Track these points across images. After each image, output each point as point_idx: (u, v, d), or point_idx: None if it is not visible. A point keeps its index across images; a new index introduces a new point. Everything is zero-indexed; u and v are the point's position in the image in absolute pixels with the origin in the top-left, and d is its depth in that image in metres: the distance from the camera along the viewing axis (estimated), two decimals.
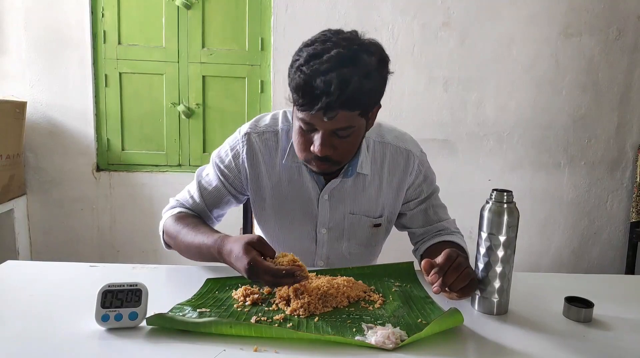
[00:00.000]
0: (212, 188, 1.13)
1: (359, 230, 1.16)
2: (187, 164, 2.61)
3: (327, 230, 1.14)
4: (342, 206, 1.12)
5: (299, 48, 0.91)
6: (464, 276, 0.83)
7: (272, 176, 1.11)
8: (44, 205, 2.55)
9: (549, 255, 2.72)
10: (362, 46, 0.89)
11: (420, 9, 2.46)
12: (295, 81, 0.87)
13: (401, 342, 0.72)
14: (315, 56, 0.86)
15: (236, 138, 1.12)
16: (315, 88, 0.84)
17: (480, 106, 2.57)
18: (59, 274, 1.01)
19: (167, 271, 1.06)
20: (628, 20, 2.52)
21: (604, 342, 0.78)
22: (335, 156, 0.95)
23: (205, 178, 1.14)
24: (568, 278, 1.13)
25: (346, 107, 0.87)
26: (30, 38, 2.42)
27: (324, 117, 0.87)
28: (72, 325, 0.76)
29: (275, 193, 1.12)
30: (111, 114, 2.54)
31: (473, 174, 2.61)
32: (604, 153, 2.64)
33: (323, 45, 0.87)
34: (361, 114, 0.91)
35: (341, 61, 0.85)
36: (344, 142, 0.94)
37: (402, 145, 1.13)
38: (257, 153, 1.10)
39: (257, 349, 0.70)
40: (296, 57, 0.90)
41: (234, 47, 2.54)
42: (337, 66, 0.84)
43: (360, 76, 0.85)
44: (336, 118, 0.88)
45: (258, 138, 1.09)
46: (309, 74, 0.85)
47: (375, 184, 1.12)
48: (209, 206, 1.14)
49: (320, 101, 0.84)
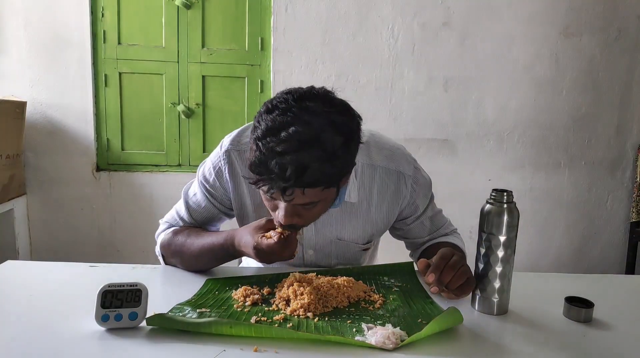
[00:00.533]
0: (201, 208, 1.10)
1: (347, 252, 1.13)
2: (187, 164, 2.61)
3: (314, 251, 1.11)
4: (329, 231, 1.08)
5: (260, 112, 0.82)
6: (461, 274, 0.83)
7: (254, 196, 1.06)
8: (44, 205, 2.55)
9: (549, 255, 2.72)
10: (327, 122, 0.78)
11: (420, 9, 2.46)
12: (251, 153, 0.80)
13: (401, 342, 0.72)
14: (272, 131, 0.77)
15: (218, 154, 1.07)
16: (269, 170, 0.77)
17: (480, 106, 2.57)
18: (59, 274, 1.01)
19: (167, 271, 1.06)
20: (628, 20, 2.52)
21: (604, 342, 0.78)
22: (302, 223, 0.89)
23: (192, 198, 1.10)
24: (568, 278, 1.13)
25: (306, 189, 0.80)
26: (30, 38, 2.42)
27: (283, 198, 0.82)
28: (72, 325, 0.76)
29: (257, 213, 1.07)
30: (111, 114, 2.54)
31: (473, 174, 2.61)
32: (604, 153, 2.64)
33: (283, 117, 0.78)
34: (327, 188, 0.83)
35: (299, 142, 0.76)
36: (310, 212, 0.87)
37: (393, 167, 1.06)
38: (238, 172, 1.04)
39: (257, 349, 0.70)
40: (255, 123, 0.82)
41: (233, 47, 2.54)
42: (294, 148, 0.76)
43: (320, 160, 0.77)
44: (297, 197, 0.81)
45: (238, 157, 1.03)
46: (263, 154, 0.77)
47: (363, 210, 1.06)
48: (201, 224, 1.12)
49: (275, 184, 0.79)
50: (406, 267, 1.09)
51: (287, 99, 0.80)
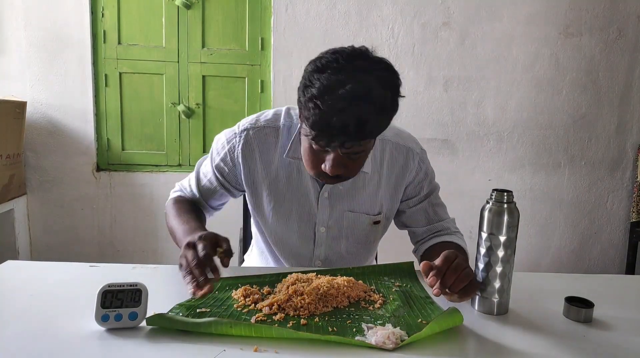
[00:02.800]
0: (206, 180, 1.15)
1: (357, 227, 1.15)
2: (187, 164, 2.61)
3: (326, 228, 1.13)
4: (341, 204, 1.12)
5: (309, 71, 0.87)
6: (463, 277, 0.83)
7: (269, 173, 1.09)
8: (44, 205, 2.55)
9: (549, 255, 2.72)
10: (377, 78, 0.85)
11: (420, 8, 2.46)
12: (309, 113, 0.85)
13: (401, 342, 0.72)
14: (329, 89, 0.83)
15: (234, 131, 1.11)
16: (332, 127, 0.83)
17: (480, 106, 2.57)
18: (59, 274, 1.01)
19: (167, 271, 1.06)
20: (628, 20, 2.52)
21: (604, 342, 0.78)
22: (346, 174, 0.95)
23: (202, 169, 1.17)
24: (568, 278, 1.13)
25: (363, 140, 0.88)
26: (30, 38, 2.42)
27: (339, 150, 0.88)
28: (72, 325, 0.76)
29: (272, 191, 1.10)
30: (111, 114, 2.55)
31: (473, 174, 2.61)
32: (604, 153, 2.64)
33: (336, 75, 0.83)
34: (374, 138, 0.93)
35: (357, 97, 0.82)
36: (355, 162, 0.94)
37: (402, 142, 1.12)
38: (254, 149, 1.08)
39: (257, 349, 0.70)
40: (307, 82, 0.86)
41: (234, 47, 2.54)
42: (353, 104, 0.82)
43: (376, 113, 0.85)
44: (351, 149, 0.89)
45: (257, 133, 1.08)
46: (324, 111, 0.83)
47: (374, 182, 1.11)
48: (204, 197, 1.17)
49: (337, 139, 0.85)
50: (406, 267, 1.09)
51: (337, 58, 0.85)
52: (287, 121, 1.10)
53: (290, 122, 1.10)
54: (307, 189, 1.10)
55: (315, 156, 0.93)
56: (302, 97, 0.87)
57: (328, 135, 0.85)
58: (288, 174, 1.09)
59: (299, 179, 1.10)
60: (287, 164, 1.09)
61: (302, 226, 1.13)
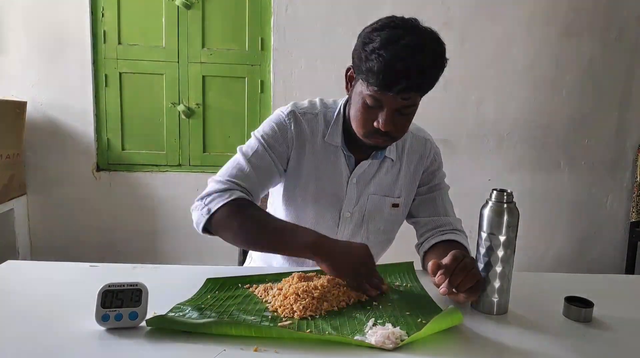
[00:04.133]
0: (264, 164, 1.09)
1: (379, 211, 1.19)
2: (187, 164, 2.61)
3: (350, 213, 1.17)
4: (367, 188, 1.17)
5: (366, 32, 0.97)
6: (471, 276, 0.83)
7: (312, 153, 1.14)
8: (44, 205, 2.55)
9: (549, 255, 2.72)
10: (431, 35, 0.97)
11: (420, 9, 2.46)
12: (373, 62, 0.92)
13: (401, 341, 0.72)
14: (391, 41, 0.92)
15: (280, 116, 1.14)
16: (396, 71, 0.91)
17: (480, 106, 2.57)
18: (59, 274, 1.01)
19: (167, 271, 1.07)
20: (628, 20, 2.53)
21: (604, 342, 0.78)
22: (394, 132, 1.01)
23: (253, 155, 1.10)
24: (568, 278, 1.13)
25: (419, 90, 0.96)
26: (31, 38, 2.42)
27: (397, 97, 0.94)
28: (72, 325, 0.76)
29: (311, 170, 1.14)
30: (111, 114, 2.55)
31: (473, 174, 2.61)
32: (604, 153, 2.64)
33: (395, 30, 0.94)
34: (424, 94, 1.00)
35: (417, 48, 0.91)
36: (404, 119, 1.02)
37: (421, 134, 1.23)
38: (304, 129, 1.13)
39: (257, 349, 0.70)
40: (366, 40, 0.95)
41: (234, 47, 2.54)
42: (414, 53, 0.91)
43: (433, 62, 0.94)
44: (408, 99, 0.96)
45: (303, 116, 1.14)
46: (388, 59, 0.90)
47: (396, 168, 1.18)
48: (262, 183, 1.10)
49: (400, 83, 0.91)
50: (406, 267, 1.09)
51: (393, 19, 0.98)
52: (323, 108, 1.16)
53: (325, 110, 1.16)
54: (340, 173, 1.15)
55: (368, 113, 1.00)
56: (363, 53, 0.94)
57: (391, 80, 0.91)
58: (326, 156, 1.15)
59: (334, 163, 1.15)
60: (324, 148, 1.14)
61: (330, 208, 1.17)
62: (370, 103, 0.98)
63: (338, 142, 1.13)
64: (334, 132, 1.13)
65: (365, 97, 0.98)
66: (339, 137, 1.13)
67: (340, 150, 1.14)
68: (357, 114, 1.02)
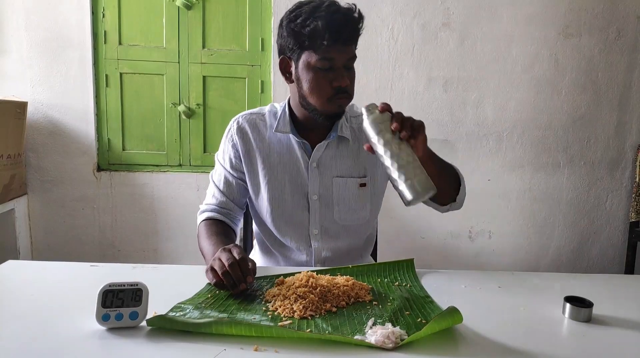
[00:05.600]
0: (222, 181, 1.24)
1: (346, 192, 1.22)
2: (188, 164, 2.61)
3: (318, 196, 1.21)
4: (329, 171, 1.21)
5: (287, 17, 1.07)
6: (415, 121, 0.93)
7: (262, 150, 1.21)
8: (45, 205, 2.55)
9: (549, 254, 2.72)
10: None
11: (420, 9, 2.46)
12: (313, 26, 1.02)
13: (401, 341, 0.73)
14: (317, 8, 1.04)
15: (227, 128, 1.26)
16: (336, 22, 1.02)
17: (480, 106, 2.57)
18: (59, 274, 1.02)
19: (167, 270, 1.07)
20: (628, 20, 2.53)
21: (604, 342, 0.78)
22: (350, 88, 1.10)
23: (216, 176, 1.26)
24: (568, 278, 1.13)
25: (357, 36, 1.08)
26: (31, 38, 2.42)
27: (343, 47, 1.05)
28: (73, 325, 0.76)
29: (265, 165, 1.20)
30: (112, 114, 2.55)
31: (473, 174, 2.61)
32: (604, 153, 2.64)
33: (312, 3, 1.05)
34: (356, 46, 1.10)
35: (337, 4, 1.06)
36: (352, 73, 1.11)
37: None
38: (247, 131, 1.22)
39: (257, 349, 0.70)
40: (292, 18, 1.05)
41: (234, 48, 2.54)
42: (339, 8, 1.04)
43: (357, 14, 1.06)
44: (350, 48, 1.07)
45: (246, 119, 1.24)
46: (325, 16, 1.02)
47: (355, 149, 1.22)
48: (230, 196, 1.24)
49: (346, 31, 1.03)
50: (406, 265, 1.09)
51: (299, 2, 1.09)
52: (271, 108, 1.25)
53: (274, 109, 1.24)
54: (297, 160, 1.20)
55: (324, 78, 1.07)
56: (296, 27, 1.04)
57: (337, 32, 1.02)
58: (279, 149, 1.21)
59: (289, 152, 1.21)
60: (277, 140, 1.21)
61: (296, 196, 1.21)
62: (321, 66, 1.06)
63: (288, 129, 1.18)
64: (282, 123, 1.19)
65: (315, 63, 1.06)
66: (287, 126, 1.18)
67: (292, 138, 1.19)
68: (313, 84, 1.08)
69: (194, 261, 2.54)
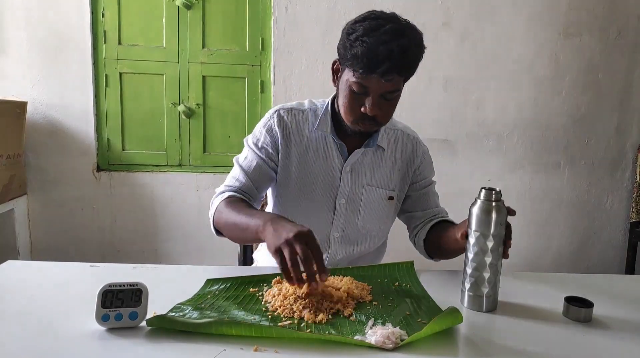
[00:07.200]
0: (253, 166, 1.18)
1: (374, 202, 1.22)
2: (188, 164, 2.61)
3: (345, 200, 1.20)
4: (362, 178, 1.21)
5: (350, 25, 1.04)
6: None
7: (300, 146, 1.19)
8: (45, 205, 2.55)
9: (549, 255, 2.72)
10: (409, 24, 1.04)
11: (420, 9, 2.46)
12: (357, 49, 0.99)
13: (401, 341, 0.72)
14: (373, 29, 0.99)
15: (267, 117, 1.21)
16: (379, 54, 0.97)
17: (480, 106, 2.57)
18: (59, 274, 1.02)
19: (167, 271, 1.07)
20: (628, 20, 2.52)
21: (604, 342, 0.78)
22: (380, 117, 1.06)
23: (244, 161, 1.20)
24: (568, 278, 1.14)
25: (401, 73, 1.01)
26: (31, 38, 2.42)
27: (381, 79, 1.00)
28: (73, 325, 0.76)
29: (301, 161, 1.19)
30: (112, 114, 2.55)
31: (473, 174, 2.61)
32: (604, 153, 2.64)
33: (376, 21, 1.00)
34: (405, 80, 1.06)
35: (397, 33, 0.99)
36: (389, 104, 1.07)
37: (411, 133, 1.29)
38: (288, 124, 1.19)
39: (257, 349, 0.70)
40: (349, 30, 1.02)
41: (234, 48, 2.54)
42: (394, 37, 0.98)
43: (414, 46, 1.01)
44: (391, 81, 1.01)
45: (287, 113, 1.20)
46: (371, 43, 0.97)
47: (390, 162, 1.23)
48: (255, 183, 1.18)
49: (383, 65, 0.97)
50: (406, 267, 1.09)
51: (373, 12, 1.05)
52: (311, 105, 1.22)
53: (313, 106, 1.22)
54: (332, 161, 1.19)
55: (355, 100, 1.05)
56: (347, 42, 1.01)
57: (374, 63, 0.97)
58: (317, 147, 1.19)
59: (325, 152, 1.19)
60: (316, 139, 1.19)
61: (325, 197, 1.20)
62: (356, 89, 1.03)
63: (328, 130, 1.17)
64: (323, 122, 1.18)
65: (351, 84, 1.03)
66: (328, 126, 1.17)
67: (331, 139, 1.18)
68: (345, 101, 1.07)
69: (194, 261, 2.54)
